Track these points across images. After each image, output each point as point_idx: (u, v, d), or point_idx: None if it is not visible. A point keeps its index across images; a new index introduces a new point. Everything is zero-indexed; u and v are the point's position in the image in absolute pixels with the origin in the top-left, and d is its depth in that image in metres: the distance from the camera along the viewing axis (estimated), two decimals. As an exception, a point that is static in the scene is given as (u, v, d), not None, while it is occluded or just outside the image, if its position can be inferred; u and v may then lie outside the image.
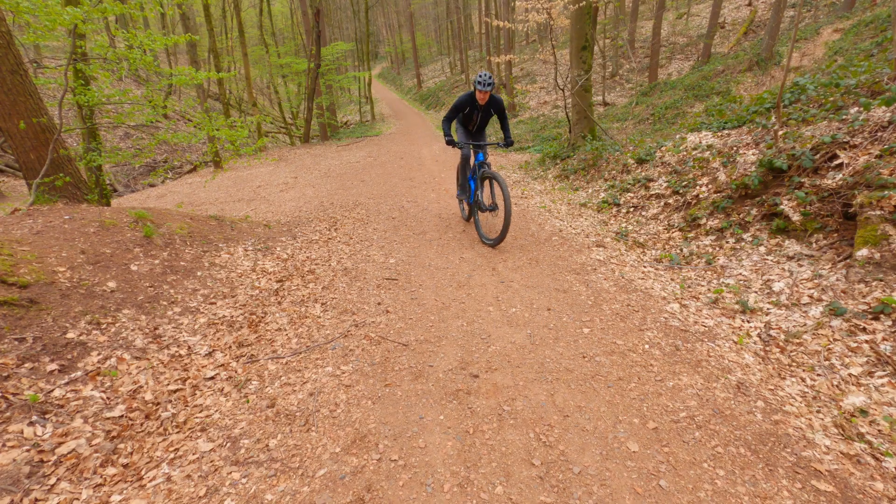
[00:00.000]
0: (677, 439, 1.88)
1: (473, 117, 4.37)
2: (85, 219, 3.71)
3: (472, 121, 4.42)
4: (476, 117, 4.36)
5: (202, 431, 2.10)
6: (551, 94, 16.93)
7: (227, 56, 21.82)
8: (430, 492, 1.70)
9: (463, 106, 4.26)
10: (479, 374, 2.40)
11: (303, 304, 3.40)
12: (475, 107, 4.27)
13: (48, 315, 2.58)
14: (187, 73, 5.26)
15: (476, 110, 4.30)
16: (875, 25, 7.73)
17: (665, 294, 3.22)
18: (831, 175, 3.18)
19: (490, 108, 4.31)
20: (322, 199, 7.05)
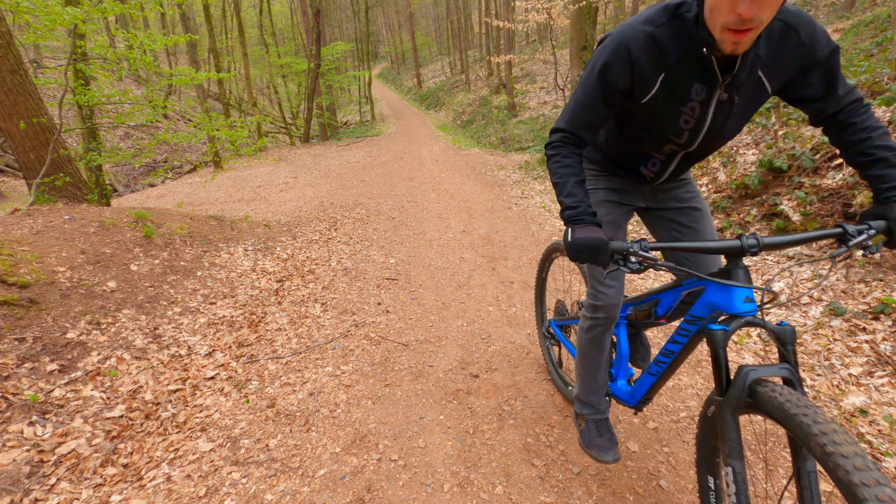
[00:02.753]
0: (677, 439, 1.88)
1: (690, 113, 1.12)
2: (85, 219, 3.71)
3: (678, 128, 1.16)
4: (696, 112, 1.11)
5: (202, 431, 2.10)
6: (551, 94, 16.92)
7: (227, 56, 21.82)
8: (430, 492, 1.70)
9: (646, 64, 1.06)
10: (480, 374, 2.40)
11: (303, 304, 3.40)
12: (701, 67, 1.04)
13: (48, 315, 2.58)
14: (187, 74, 5.27)
15: (699, 88, 1.07)
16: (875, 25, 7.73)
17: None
18: (831, 175, 3.18)
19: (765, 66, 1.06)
20: (322, 199, 7.05)
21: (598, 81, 1.11)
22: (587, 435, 1.61)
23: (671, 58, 1.05)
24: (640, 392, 1.49)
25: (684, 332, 1.22)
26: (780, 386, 0.93)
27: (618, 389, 1.65)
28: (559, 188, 1.15)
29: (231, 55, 22.61)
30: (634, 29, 1.06)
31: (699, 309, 1.15)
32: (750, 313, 1.02)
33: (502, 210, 5.59)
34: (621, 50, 1.06)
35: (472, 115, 18.89)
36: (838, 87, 1.09)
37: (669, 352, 1.29)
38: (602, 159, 1.46)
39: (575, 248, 1.03)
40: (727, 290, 1.04)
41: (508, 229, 4.81)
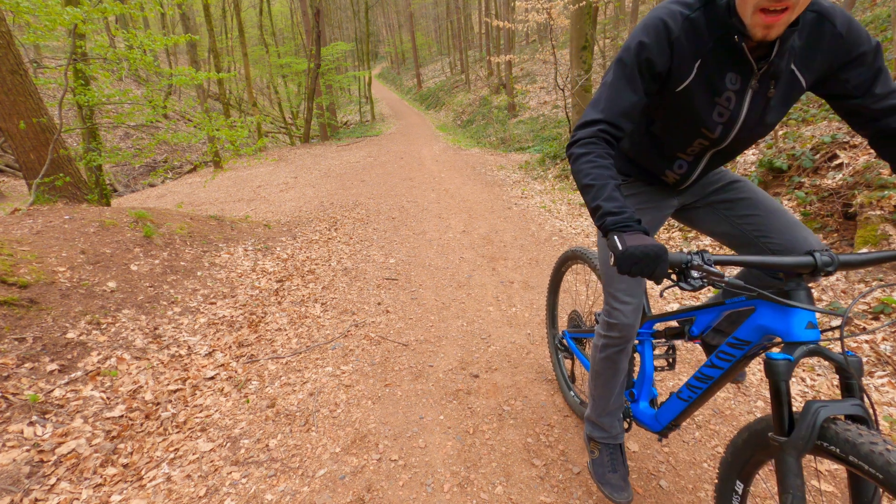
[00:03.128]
0: (677, 439, 1.88)
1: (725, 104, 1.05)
2: (85, 219, 3.71)
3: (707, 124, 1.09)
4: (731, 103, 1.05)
5: (202, 431, 2.10)
6: (551, 94, 16.92)
7: (227, 56, 21.82)
8: (430, 492, 1.70)
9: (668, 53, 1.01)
10: (480, 374, 2.40)
11: (303, 304, 3.40)
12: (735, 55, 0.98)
13: (48, 315, 2.58)
14: (187, 74, 5.27)
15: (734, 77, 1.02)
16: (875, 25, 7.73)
17: (666, 293, 3.22)
18: (831, 175, 3.18)
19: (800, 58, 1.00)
20: (322, 199, 7.05)
21: (636, 61, 1.00)
22: (600, 469, 1.49)
23: (707, 44, 0.99)
24: (668, 417, 1.34)
25: (727, 356, 1.07)
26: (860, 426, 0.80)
27: (640, 412, 1.50)
28: (595, 191, 0.97)
29: (231, 55, 22.62)
30: (671, 10, 0.99)
31: (747, 332, 1.01)
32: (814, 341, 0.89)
33: (502, 210, 5.59)
34: (660, 29, 0.98)
35: (472, 115, 18.89)
36: (881, 83, 0.99)
37: (707, 377, 1.14)
38: (623, 164, 1.34)
39: (630, 258, 0.85)
40: (785, 313, 0.91)
41: (508, 229, 4.81)
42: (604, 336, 1.37)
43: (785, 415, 0.89)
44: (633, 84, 1.02)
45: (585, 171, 1.00)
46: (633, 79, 1.02)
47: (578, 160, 1.02)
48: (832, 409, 0.83)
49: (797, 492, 0.83)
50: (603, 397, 1.45)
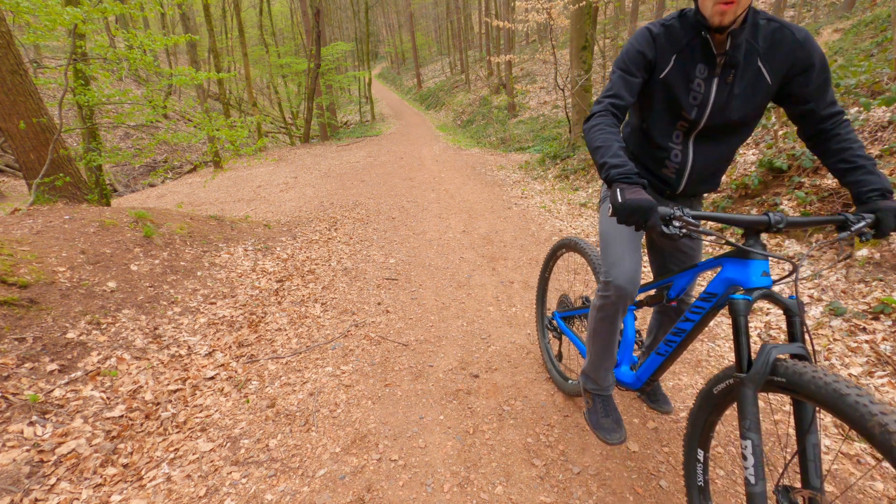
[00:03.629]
0: (677, 439, 1.88)
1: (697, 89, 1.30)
2: (85, 219, 3.71)
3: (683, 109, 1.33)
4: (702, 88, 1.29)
5: (202, 431, 2.10)
6: (551, 94, 16.91)
7: (227, 56, 21.83)
8: (430, 492, 1.70)
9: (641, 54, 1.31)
10: (480, 374, 2.40)
11: (303, 304, 3.40)
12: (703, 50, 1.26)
13: (48, 315, 2.58)
14: (187, 74, 5.27)
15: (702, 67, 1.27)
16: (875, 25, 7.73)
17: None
18: (831, 175, 3.18)
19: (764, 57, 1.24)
20: (322, 199, 7.05)
21: (631, 55, 1.31)
22: (594, 415, 1.68)
23: (682, 42, 1.28)
24: (647, 374, 1.55)
25: (698, 308, 1.28)
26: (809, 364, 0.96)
27: (621, 374, 1.71)
28: (602, 151, 1.19)
29: (231, 55, 22.62)
30: (653, 23, 1.33)
31: (715, 286, 1.21)
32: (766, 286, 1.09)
33: (502, 210, 5.59)
34: (644, 32, 1.32)
35: (472, 115, 18.89)
36: (829, 94, 1.25)
37: (681, 330, 1.34)
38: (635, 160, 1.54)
39: (626, 208, 1.04)
40: (745, 266, 1.11)
41: (508, 229, 4.81)
42: (602, 297, 1.48)
43: (744, 352, 1.07)
44: (630, 71, 1.31)
45: (595, 136, 1.23)
46: (629, 68, 1.31)
47: (591, 130, 1.26)
48: (781, 350, 1.01)
49: (753, 418, 1.02)
50: (599, 354, 1.61)
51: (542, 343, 2.38)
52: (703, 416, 1.22)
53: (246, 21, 22.85)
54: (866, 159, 1.21)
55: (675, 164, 1.43)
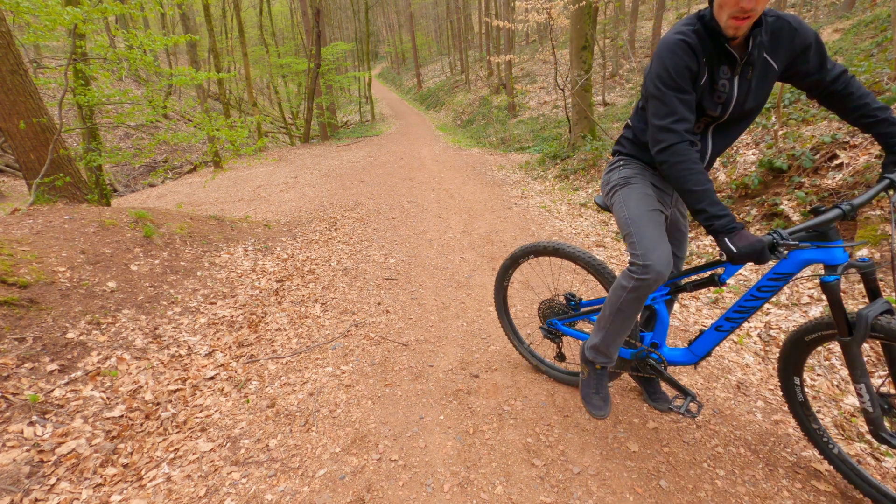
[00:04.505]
0: (677, 439, 1.88)
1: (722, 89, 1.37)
2: (85, 219, 3.71)
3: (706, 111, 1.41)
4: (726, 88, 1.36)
5: (202, 431, 2.10)
6: (551, 94, 16.92)
7: (227, 56, 21.82)
8: (430, 492, 1.70)
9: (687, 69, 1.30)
10: (480, 374, 2.40)
11: (303, 304, 3.40)
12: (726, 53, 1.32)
13: (48, 315, 2.58)
14: (187, 74, 5.27)
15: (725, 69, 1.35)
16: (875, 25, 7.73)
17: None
18: (831, 175, 3.18)
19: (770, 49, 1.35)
20: (322, 199, 7.05)
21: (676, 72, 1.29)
22: (587, 389, 1.79)
23: (707, 48, 1.32)
24: (705, 349, 1.67)
25: (769, 289, 1.45)
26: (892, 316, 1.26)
27: (670, 354, 1.78)
28: (699, 196, 1.26)
29: (231, 55, 22.62)
30: (682, 30, 1.32)
31: (789, 266, 1.38)
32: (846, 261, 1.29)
33: (502, 210, 5.59)
34: (682, 45, 1.29)
35: (472, 115, 18.90)
36: (828, 61, 1.39)
37: (749, 308, 1.51)
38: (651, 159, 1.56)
39: (742, 256, 1.19)
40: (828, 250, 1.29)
41: (508, 229, 4.81)
42: (638, 278, 1.50)
43: (843, 319, 1.31)
44: (682, 89, 1.32)
45: (686, 176, 1.28)
46: (680, 86, 1.31)
47: (677, 166, 1.29)
48: (874, 310, 1.27)
49: (862, 368, 1.32)
50: (619, 330, 1.66)
51: (522, 350, 2.38)
52: (795, 354, 1.54)
53: (246, 21, 22.85)
54: (884, 110, 1.37)
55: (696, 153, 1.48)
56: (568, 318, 2.12)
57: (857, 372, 1.33)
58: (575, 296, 2.12)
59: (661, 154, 1.32)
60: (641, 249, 1.50)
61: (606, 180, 1.72)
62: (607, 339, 1.70)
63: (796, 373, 1.59)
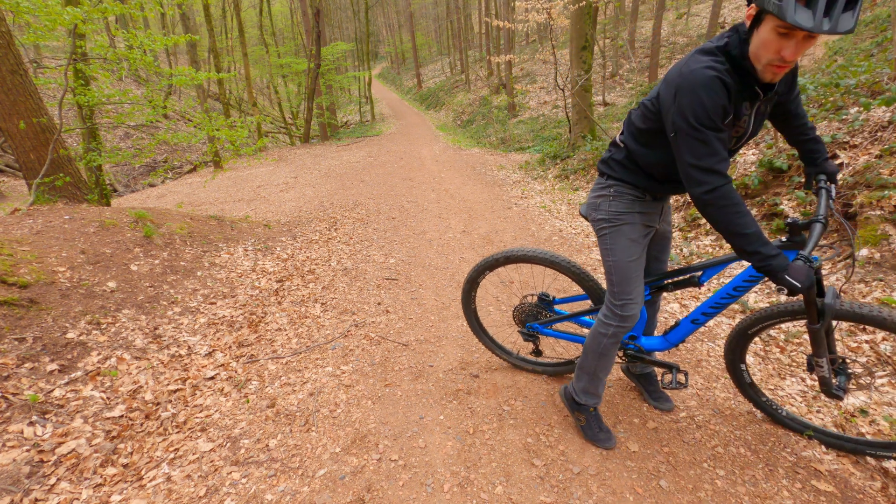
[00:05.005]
0: (677, 439, 1.88)
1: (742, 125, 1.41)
2: (85, 219, 3.71)
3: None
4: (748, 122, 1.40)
5: (202, 431, 2.10)
6: (551, 94, 16.92)
7: (227, 56, 21.82)
8: (430, 492, 1.70)
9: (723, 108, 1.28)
10: (480, 374, 2.40)
11: (303, 304, 3.40)
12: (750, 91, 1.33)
13: (48, 315, 2.58)
14: (187, 74, 5.27)
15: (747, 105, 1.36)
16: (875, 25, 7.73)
17: (665, 293, 3.22)
18: (831, 175, 3.18)
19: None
20: (322, 199, 7.05)
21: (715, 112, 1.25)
22: (590, 430, 1.88)
23: (736, 86, 1.29)
24: (679, 338, 1.82)
25: (744, 288, 1.61)
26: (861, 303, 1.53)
27: (648, 343, 1.94)
28: (752, 239, 1.29)
29: (231, 55, 22.62)
30: (714, 67, 1.26)
31: None
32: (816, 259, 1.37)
33: (502, 210, 5.59)
34: (717, 83, 1.25)
35: (472, 115, 18.89)
36: (796, 86, 1.51)
37: (723, 305, 1.67)
38: (646, 181, 1.58)
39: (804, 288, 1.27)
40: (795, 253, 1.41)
41: (508, 229, 4.81)
42: (616, 326, 1.68)
43: (815, 311, 1.47)
44: (719, 128, 1.28)
45: (735, 220, 1.29)
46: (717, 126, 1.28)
47: (724, 210, 1.29)
48: (833, 299, 1.46)
49: (826, 347, 1.54)
50: (604, 371, 1.79)
51: (512, 360, 2.41)
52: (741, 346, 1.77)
53: (246, 21, 22.85)
54: (813, 130, 1.59)
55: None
56: (549, 320, 2.18)
57: (820, 350, 1.54)
58: (548, 295, 2.17)
59: (707, 195, 1.29)
60: (621, 300, 1.64)
61: (595, 204, 1.69)
62: (594, 380, 1.81)
63: (742, 360, 1.81)
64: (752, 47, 1.23)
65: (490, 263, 2.13)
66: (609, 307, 1.69)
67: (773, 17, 1.13)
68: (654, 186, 1.58)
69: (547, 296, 2.17)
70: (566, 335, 2.19)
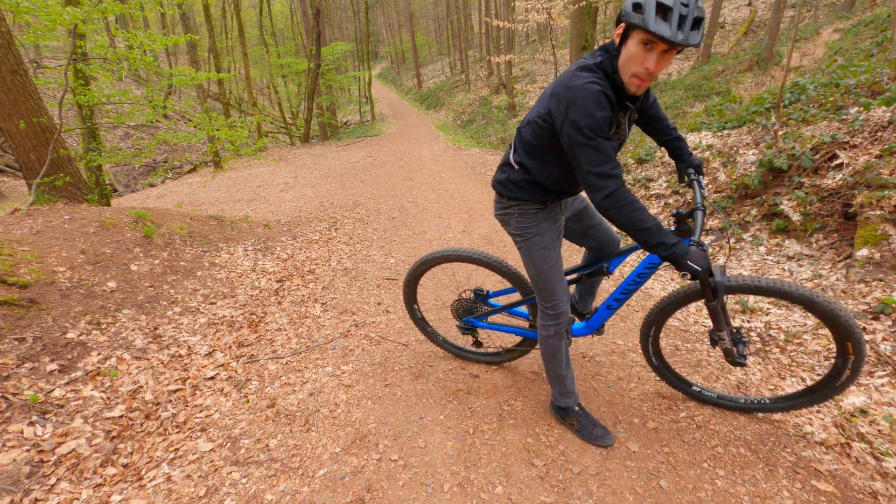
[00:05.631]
0: (677, 439, 1.88)
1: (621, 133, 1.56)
2: (85, 219, 3.71)
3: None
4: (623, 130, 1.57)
5: (202, 431, 2.10)
6: (551, 94, 16.87)
7: (227, 56, 21.82)
8: (430, 492, 1.70)
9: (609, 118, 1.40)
10: (480, 374, 2.40)
11: (303, 304, 3.40)
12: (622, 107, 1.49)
13: (48, 315, 2.58)
14: (187, 74, 5.26)
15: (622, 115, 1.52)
16: (875, 25, 7.73)
17: (665, 294, 3.22)
18: (831, 175, 3.18)
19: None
20: (322, 199, 7.05)
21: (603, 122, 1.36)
22: (586, 430, 1.91)
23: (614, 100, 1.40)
24: (599, 323, 2.02)
25: (645, 275, 1.79)
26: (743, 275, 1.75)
27: (575, 329, 2.10)
28: (653, 232, 1.40)
29: (231, 55, 22.61)
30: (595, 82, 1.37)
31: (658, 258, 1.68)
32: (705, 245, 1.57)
33: (502, 210, 5.59)
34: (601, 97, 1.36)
35: (472, 115, 18.88)
36: (650, 90, 1.68)
37: (631, 290, 1.86)
38: (544, 194, 1.69)
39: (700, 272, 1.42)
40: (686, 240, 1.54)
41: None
42: (555, 325, 1.82)
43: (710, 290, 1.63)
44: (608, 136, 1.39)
45: (635, 218, 1.39)
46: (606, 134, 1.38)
47: (623, 210, 1.39)
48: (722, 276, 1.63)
49: (725, 320, 1.71)
50: (566, 367, 1.90)
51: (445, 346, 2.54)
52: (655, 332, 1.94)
53: (246, 21, 22.85)
54: (675, 130, 1.81)
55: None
56: (482, 314, 2.30)
57: (720, 324, 1.71)
58: (482, 290, 2.29)
59: (606, 200, 1.39)
60: (551, 301, 1.79)
61: (503, 219, 1.81)
62: (565, 381, 1.92)
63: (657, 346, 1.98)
64: (620, 61, 1.37)
65: (428, 262, 2.23)
66: (543, 311, 1.82)
67: (639, 31, 1.28)
68: (551, 196, 1.70)
69: (481, 290, 2.29)
70: (499, 326, 2.32)
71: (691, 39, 1.24)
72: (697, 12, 1.24)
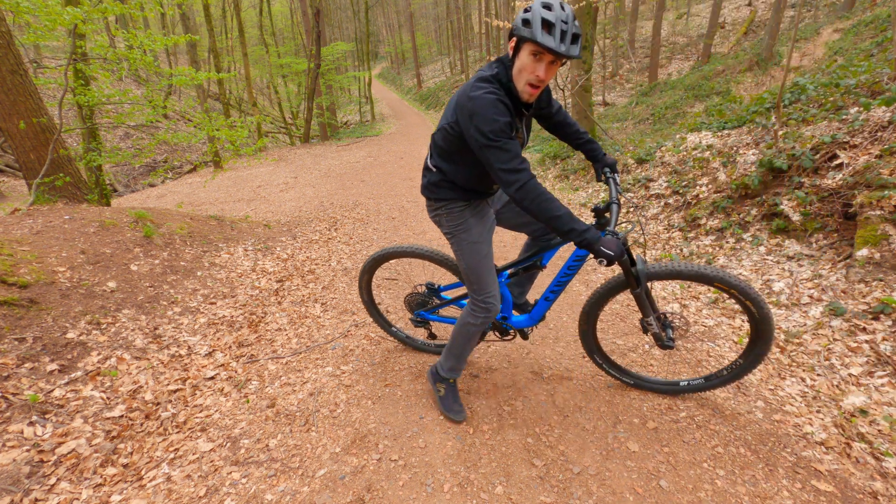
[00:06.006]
0: (677, 439, 1.88)
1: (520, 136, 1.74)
2: (85, 219, 3.71)
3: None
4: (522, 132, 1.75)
5: (202, 431, 2.10)
6: (551, 94, 16.88)
7: (227, 56, 21.82)
8: (430, 492, 1.70)
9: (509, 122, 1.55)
10: (479, 375, 2.40)
11: (303, 304, 3.40)
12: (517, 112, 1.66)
13: (48, 315, 2.58)
14: (187, 74, 5.26)
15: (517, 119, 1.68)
16: (875, 25, 7.74)
17: (665, 294, 3.22)
18: (831, 175, 3.18)
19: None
20: (322, 199, 7.05)
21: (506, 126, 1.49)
22: (447, 402, 2.10)
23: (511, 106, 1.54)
24: (540, 315, 2.11)
25: (575, 267, 1.91)
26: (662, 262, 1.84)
27: (516, 322, 2.19)
28: (565, 219, 1.51)
29: (231, 55, 22.61)
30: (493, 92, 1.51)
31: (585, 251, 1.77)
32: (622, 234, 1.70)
33: (502, 210, 5.59)
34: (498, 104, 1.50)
35: (472, 115, 18.83)
36: (551, 98, 1.90)
37: (564, 282, 1.97)
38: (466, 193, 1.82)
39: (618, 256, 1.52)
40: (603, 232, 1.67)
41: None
42: (482, 317, 1.91)
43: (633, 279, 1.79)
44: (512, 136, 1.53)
45: (547, 207, 1.50)
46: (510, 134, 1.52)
47: (535, 201, 1.51)
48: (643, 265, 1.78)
49: (651, 306, 1.86)
50: (468, 351, 2.06)
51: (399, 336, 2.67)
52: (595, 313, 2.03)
53: (246, 21, 22.84)
54: (586, 134, 1.98)
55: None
56: (433, 307, 2.40)
57: (646, 310, 1.85)
58: (434, 284, 2.39)
59: (519, 192, 1.50)
60: (482, 294, 1.87)
61: (437, 220, 1.93)
62: (461, 359, 2.07)
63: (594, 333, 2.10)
64: (514, 71, 1.53)
65: (379, 258, 2.33)
66: (475, 304, 1.91)
67: (529, 44, 1.44)
68: (472, 194, 1.82)
69: (433, 284, 2.39)
70: (448, 319, 2.43)
71: (572, 51, 1.41)
72: (575, 29, 1.42)
